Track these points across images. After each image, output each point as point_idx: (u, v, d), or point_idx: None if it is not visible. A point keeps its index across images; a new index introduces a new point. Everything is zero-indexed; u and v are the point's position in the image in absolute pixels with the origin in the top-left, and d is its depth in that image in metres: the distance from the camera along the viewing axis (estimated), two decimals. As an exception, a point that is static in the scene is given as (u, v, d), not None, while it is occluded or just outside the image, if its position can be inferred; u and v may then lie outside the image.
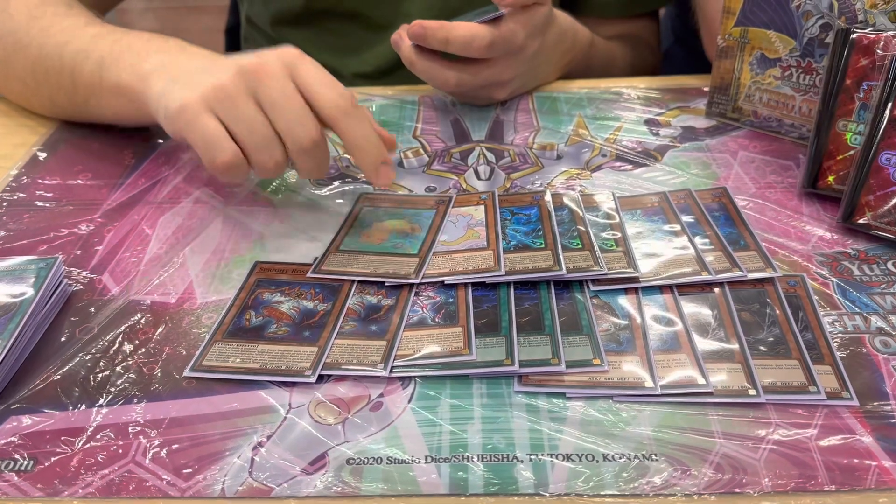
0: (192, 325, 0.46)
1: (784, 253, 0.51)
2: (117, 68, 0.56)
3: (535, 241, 0.51)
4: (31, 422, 0.40)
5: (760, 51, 0.62)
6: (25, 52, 0.62)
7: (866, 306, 0.47)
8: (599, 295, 0.47)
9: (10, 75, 0.66)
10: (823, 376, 0.42)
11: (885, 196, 0.51)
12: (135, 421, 0.40)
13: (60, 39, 0.61)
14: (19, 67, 0.64)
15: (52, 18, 0.62)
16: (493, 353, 0.43)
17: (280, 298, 0.48)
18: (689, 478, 0.37)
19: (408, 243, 0.51)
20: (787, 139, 0.64)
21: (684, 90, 0.72)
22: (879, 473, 0.37)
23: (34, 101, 0.67)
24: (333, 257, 0.50)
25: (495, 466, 0.38)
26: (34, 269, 0.47)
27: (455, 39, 0.60)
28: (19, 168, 0.61)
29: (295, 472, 0.38)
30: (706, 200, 0.56)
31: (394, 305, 0.47)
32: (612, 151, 0.63)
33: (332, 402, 0.41)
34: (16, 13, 0.63)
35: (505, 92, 0.68)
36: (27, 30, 0.62)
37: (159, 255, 0.52)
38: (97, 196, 0.58)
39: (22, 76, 0.64)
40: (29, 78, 0.64)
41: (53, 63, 0.61)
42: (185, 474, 0.38)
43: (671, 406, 0.41)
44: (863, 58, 0.52)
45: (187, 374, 0.43)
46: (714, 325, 0.45)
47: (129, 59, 0.56)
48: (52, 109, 0.66)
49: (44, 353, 0.45)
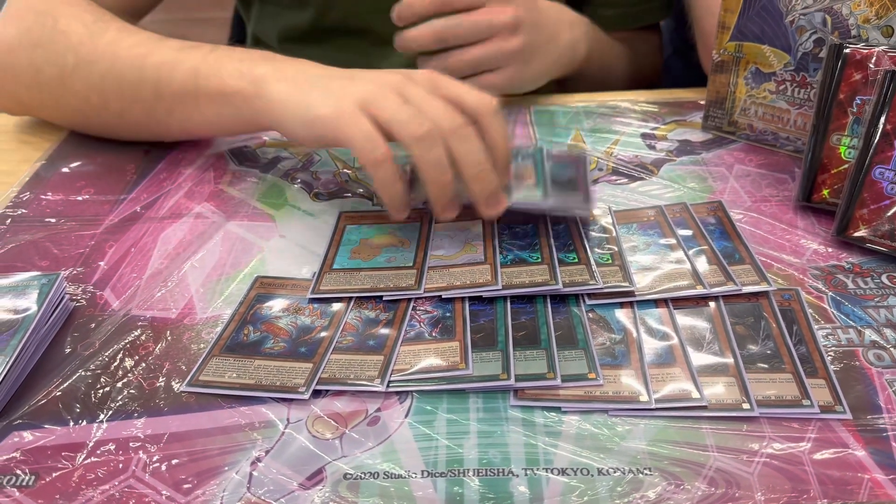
0: (192, 340, 0.47)
1: (779, 266, 0.51)
2: (219, 76, 0.56)
3: (532, 256, 0.51)
4: (32, 437, 0.41)
5: (755, 65, 0.63)
6: (91, 67, 0.61)
7: (860, 319, 0.47)
8: (595, 309, 0.48)
9: (68, 94, 0.64)
10: (817, 390, 0.42)
11: (878, 210, 0.51)
12: (135, 436, 0.41)
13: (137, 52, 0.60)
14: (81, 85, 0.63)
15: (118, 34, 0.62)
16: (489, 368, 0.43)
17: (278, 314, 0.48)
18: (682, 492, 0.37)
19: (400, 257, 0.52)
20: (782, 152, 0.64)
21: (680, 104, 0.73)
22: (872, 487, 0.37)
23: (95, 119, 0.66)
24: (329, 277, 0.51)
25: (491, 481, 0.38)
26: (37, 284, 0.48)
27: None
28: (22, 184, 0.62)
29: (293, 487, 0.38)
30: (702, 214, 0.56)
31: (391, 320, 0.47)
32: (608, 165, 0.63)
33: (330, 417, 0.42)
34: (72, 32, 0.62)
35: (500, 77, 0.67)
36: (92, 46, 0.61)
37: (160, 271, 0.53)
38: (99, 211, 0.59)
39: (84, 93, 0.63)
40: (94, 95, 0.63)
41: (131, 76, 0.60)
42: (184, 489, 0.38)
43: (666, 420, 0.41)
44: (856, 72, 0.53)
45: (183, 389, 0.43)
46: (709, 338, 0.46)
47: (232, 66, 0.56)
48: (119, 126, 0.65)
49: (45, 368, 0.45)
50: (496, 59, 0.66)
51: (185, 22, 2.65)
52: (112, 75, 0.61)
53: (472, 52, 0.65)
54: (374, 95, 0.50)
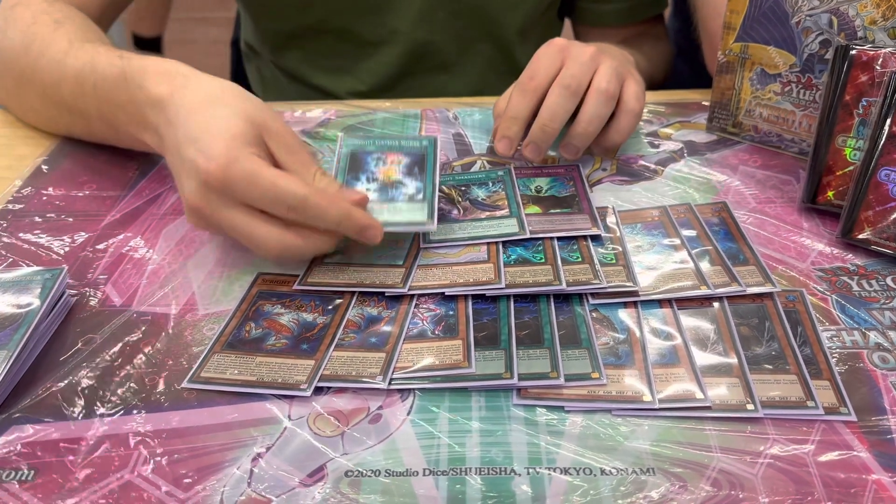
0: (193, 337, 0.47)
1: (783, 268, 0.51)
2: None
3: (535, 256, 0.51)
4: (32, 431, 0.41)
5: (761, 66, 0.63)
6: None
7: (865, 322, 0.47)
8: (599, 308, 0.48)
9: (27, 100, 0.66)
10: (822, 391, 0.42)
11: (884, 212, 0.51)
12: (135, 431, 0.41)
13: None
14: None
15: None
16: (492, 367, 0.43)
17: (280, 310, 0.48)
18: (686, 493, 0.37)
19: (392, 255, 0.52)
20: (787, 154, 0.64)
21: (685, 105, 0.72)
22: (877, 489, 0.37)
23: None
24: (318, 269, 0.51)
25: (493, 480, 0.38)
26: (40, 279, 0.48)
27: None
28: (23, 179, 0.62)
29: (293, 484, 0.38)
30: (706, 215, 0.56)
31: (394, 317, 0.47)
32: (612, 165, 0.63)
33: (332, 415, 0.41)
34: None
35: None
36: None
37: (162, 267, 0.52)
38: (101, 207, 0.59)
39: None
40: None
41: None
42: (184, 485, 0.38)
43: (669, 420, 0.41)
44: (862, 74, 0.53)
45: (185, 386, 0.43)
46: (713, 339, 0.45)
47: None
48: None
49: (46, 363, 0.45)
50: (620, 66, 0.61)
51: (189, 21, 2.65)
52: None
53: (602, 73, 0.59)
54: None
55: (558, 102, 0.57)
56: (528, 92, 0.58)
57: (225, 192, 0.46)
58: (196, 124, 0.47)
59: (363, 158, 0.55)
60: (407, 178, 0.53)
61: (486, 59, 0.84)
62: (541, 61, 0.58)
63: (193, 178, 0.46)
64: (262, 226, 0.46)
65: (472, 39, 0.82)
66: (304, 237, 0.47)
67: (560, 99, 0.57)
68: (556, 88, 0.57)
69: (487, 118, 0.71)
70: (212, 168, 0.45)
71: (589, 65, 0.58)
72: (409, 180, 0.53)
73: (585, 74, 0.57)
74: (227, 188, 0.45)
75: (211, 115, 0.48)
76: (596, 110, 0.58)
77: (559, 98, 0.57)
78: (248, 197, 0.46)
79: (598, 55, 0.59)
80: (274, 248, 0.47)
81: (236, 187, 0.45)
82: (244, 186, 0.45)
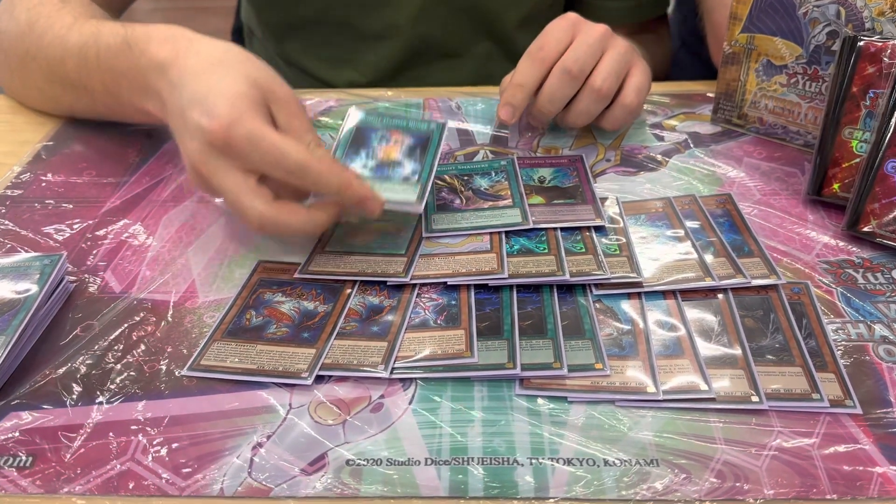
0: (193, 324, 0.46)
1: (788, 260, 0.51)
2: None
3: (539, 246, 0.50)
4: (31, 418, 0.40)
5: (767, 57, 0.62)
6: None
7: (870, 314, 0.46)
8: (602, 299, 0.47)
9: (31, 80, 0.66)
10: (827, 384, 0.42)
11: (890, 204, 0.50)
12: (135, 419, 0.40)
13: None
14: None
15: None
16: (494, 356, 0.43)
17: (281, 298, 0.48)
18: (690, 484, 0.37)
19: (394, 244, 0.51)
20: (792, 146, 0.64)
21: (690, 96, 0.72)
22: (882, 483, 0.37)
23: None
24: (320, 257, 0.50)
25: (495, 469, 0.38)
26: (39, 265, 0.47)
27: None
28: (23, 165, 0.62)
29: (294, 473, 0.38)
30: (711, 206, 0.56)
31: (395, 306, 0.47)
32: (616, 156, 0.63)
33: (333, 403, 0.41)
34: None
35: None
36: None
37: (162, 254, 0.52)
38: (101, 194, 0.58)
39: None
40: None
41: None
42: (184, 473, 0.38)
43: (673, 412, 0.41)
44: (869, 65, 0.52)
45: (185, 374, 0.43)
46: (717, 330, 0.45)
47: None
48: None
49: (45, 349, 0.45)
50: (626, 56, 0.60)
51: (190, 10, 2.64)
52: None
53: (604, 67, 0.59)
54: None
55: (558, 87, 0.58)
56: (537, 61, 0.58)
57: (226, 151, 0.45)
58: (201, 86, 0.47)
59: (368, 134, 0.54)
60: (406, 159, 0.53)
61: (487, 54, 0.83)
62: (552, 34, 0.59)
63: (197, 137, 0.46)
64: (247, 195, 0.46)
65: (472, 34, 0.81)
66: (285, 214, 0.46)
67: (560, 83, 0.58)
68: (558, 72, 0.58)
69: (490, 108, 0.70)
70: (215, 127, 0.45)
71: (596, 47, 0.58)
72: (408, 161, 0.52)
73: (590, 58, 0.58)
74: (229, 148, 0.45)
75: (216, 77, 0.47)
76: (585, 107, 0.60)
77: (559, 82, 0.58)
78: (249, 158, 0.45)
79: (607, 37, 0.59)
80: (253, 220, 0.46)
81: (238, 148, 0.45)
82: (246, 147, 0.45)
